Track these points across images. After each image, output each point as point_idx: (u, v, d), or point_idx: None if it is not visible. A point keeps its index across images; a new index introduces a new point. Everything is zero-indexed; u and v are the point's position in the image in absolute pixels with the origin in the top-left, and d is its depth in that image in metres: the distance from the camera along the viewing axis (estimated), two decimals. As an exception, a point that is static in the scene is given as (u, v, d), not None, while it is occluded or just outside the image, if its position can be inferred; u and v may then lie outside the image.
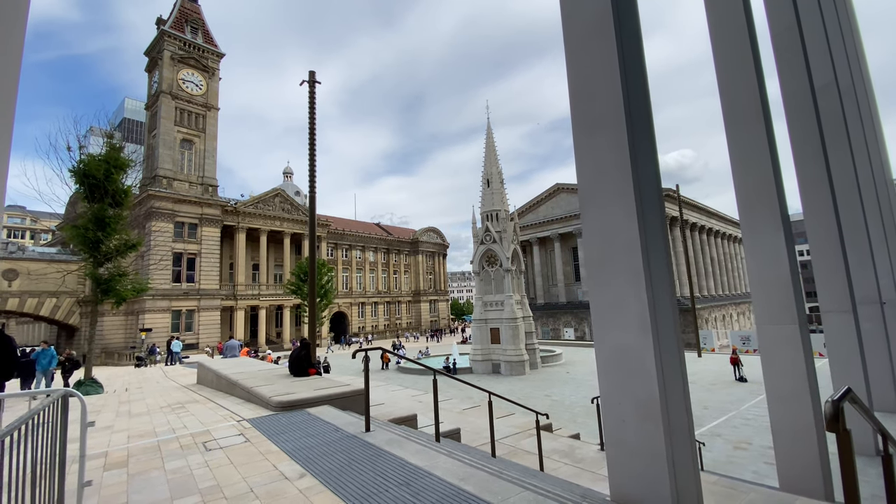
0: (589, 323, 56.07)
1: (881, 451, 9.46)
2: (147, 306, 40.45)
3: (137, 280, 16.98)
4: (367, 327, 67.37)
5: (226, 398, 8.15)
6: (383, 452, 3.97)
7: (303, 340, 9.82)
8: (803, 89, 10.29)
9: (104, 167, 14.37)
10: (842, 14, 20.15)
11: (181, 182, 44.91)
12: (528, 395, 19.52)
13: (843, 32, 18.35)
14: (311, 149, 12.39)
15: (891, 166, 27.77)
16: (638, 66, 4.80)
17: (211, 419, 6.21)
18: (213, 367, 10.43)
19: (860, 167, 16.43)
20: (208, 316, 45.04)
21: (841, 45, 17.38)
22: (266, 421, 5.60)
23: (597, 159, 4.66)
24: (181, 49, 46.89)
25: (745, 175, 8.10)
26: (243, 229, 50.56)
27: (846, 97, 16.59)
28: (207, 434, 5.29)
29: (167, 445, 5.02)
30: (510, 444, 7.63)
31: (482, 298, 29.71)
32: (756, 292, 8.09)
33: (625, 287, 4.34)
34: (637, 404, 4.22)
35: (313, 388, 6.93)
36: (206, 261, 45.57)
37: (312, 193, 12.69)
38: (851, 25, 22.44)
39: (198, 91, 47.62)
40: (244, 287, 50.37)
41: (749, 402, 16.59)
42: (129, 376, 23.23)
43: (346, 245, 66.63)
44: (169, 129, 44.67)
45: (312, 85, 12.79)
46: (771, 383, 7.81)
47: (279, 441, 4.63)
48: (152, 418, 6.94)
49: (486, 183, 30.23)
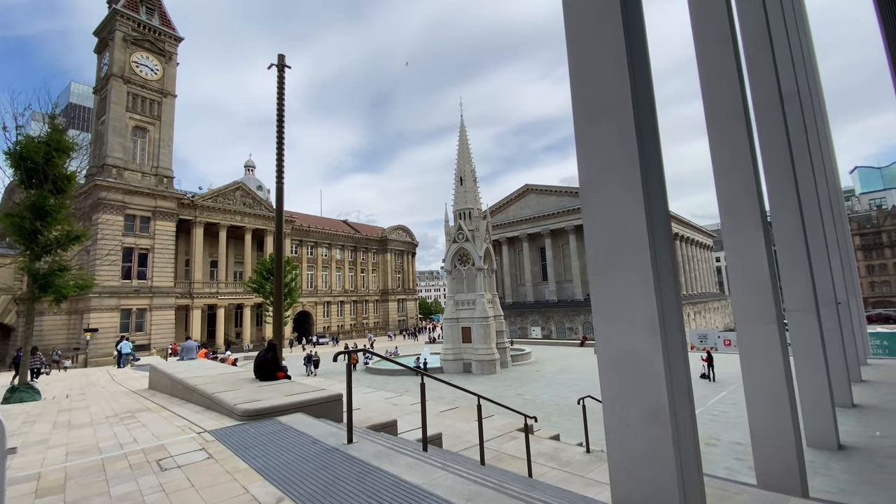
0: (555, 321, 57.07)
1: (843, 446, 9.67)
2: (93, 304, 37.57)
3: (81, 275, 15.49)
4: (333, 327, 65.69)
5: (183, 405, 7.39)
6: (372, 468, 3.51)
7: (269, 342, 9.14)
8: (772, 97, 10.58)
9: (44, 149, 12.97)
10: (801, 29, 21.16)
11: (133, 172, 42.01)
12: (500, 394, 19.36)
13: (801, 46, 19.23)
14: (280, 136, 11.64)
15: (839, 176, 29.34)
16: (642, 49, 4.56)
17: (166, 431, 5.51)
18: (167, 371, 9.53)
19: (818, 174, 17.26)
20: (161, 315, 42.41)
21: (801, 57, 18.19)
22: (231, 432, 4.98)
23: (602, 148, 4.37)
24: (135, 30, 43.85)
25: (726, 177, 8.15)
26: (201, 224, 47.98)
27: (806, 107, 17.39)
28: (162, 449, 4.63)
29: (114, 464, 4.34)
30: (494, 448, 7.31)
31: (454, 297, 29.42)
32: (736, 291, 8.15)
33: (631, 284, 4.08)
34: (644, 409, 3.96)
35: (283, 394, 6.33)
36: (159, 256, 42.87)
37: (280, 184, 11.92)
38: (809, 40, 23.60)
39: (153, 76, 44.72)
40: (201, 285, 47.82)
41: (713, 398, 17.10)
42: (71, 380, 21.35)
43: (311, 242, 64.67)
44: (120, 115, 41.67)
45: (281, 69, 12.03)
46: (750, 382, 7.87)
47: (249, 457, 4.07)
48: (96, 430, 6.14)
49: (460, 181, 29.95)
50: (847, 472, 8.74)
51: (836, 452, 9.74)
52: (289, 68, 12.21)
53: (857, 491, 7.88)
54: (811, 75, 22.77)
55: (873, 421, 11.79)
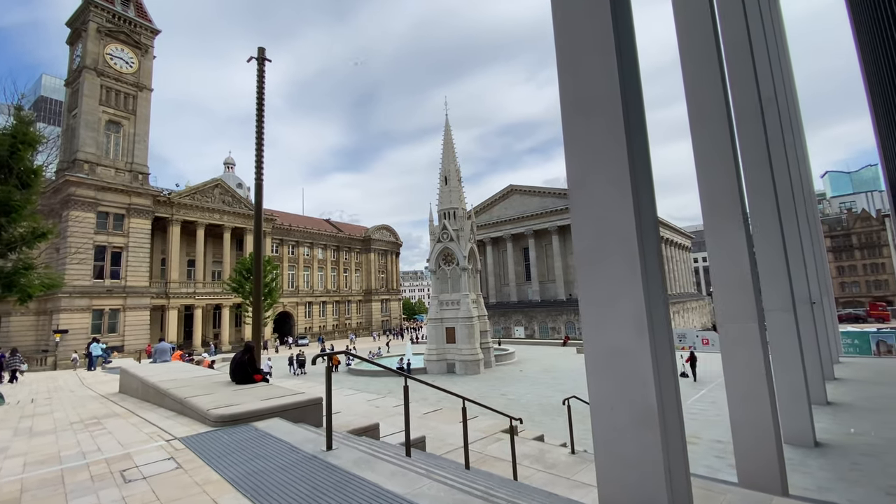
0: (538, 321, 57.41)
1: (819, 444, 9.81)
2: (63, 305, 36.13)
3: (48, 274, 14.81)
4: (315, 328, 64.73)
5: (153, 411, 7.05)
6: (352, 477, 3.33)
7: (246, 343, 8.83)
8: (752, 101, 10.75)
9: (8, 141, 12.33)
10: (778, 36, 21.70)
11: (106, 168, 40.55)
12: (484, 394, 19.29)
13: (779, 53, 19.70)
14: (259, 131, 11.31)
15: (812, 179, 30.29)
16: (631, 43, 4.49)
17: (133, 438, 5.20)
18: (138, 374, 9.12)
19: (794, 177, 17.67)
20: (135, 316, 41.07)
21: (778, 64, 18.62)
22: (204, 440, 4.73)
23: (590, 143, 4.28)
24: (110, 21, 42.35)
25: (709, 178, 8.21)
26: (178, 222, 46.65)
27: (783, 112, 17.80)
28: (128, 459, 4.35)
29: (74, 475, 4.05)
30: (478, 450, 7.18)
31: (438, 297, 29.25)
32: (718, 291, 8.22)
33: (619, 283, 3.99)
34: (633, 411, 3.88)
35: (260, 398, 6.08)
36: (134, 255, 41.50)
37: (259, 181, 11.58)
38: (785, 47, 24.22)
39: (128, 69, 43.28)
40: (178, 284, 46.50)
41: (693, 396, 17.35)
42: (38, 384, 20.41)
43: (292, 241, 63.60)
44: (93, 109, 40.18)
45: (262, 62, 11.70)
46: (731, 382, 7.93)
47: (221, 466, 3.84)
48: (59, 438, 5.78)
49: (444, 180, 29.80)
50: (824, 469, 8.89)
51: (812, 450, 9.93)
52: (269, 61, 11.88)
53: (834, 488, 8.01)
54: (787, 81, 23.41)
55: (847, 418, 12.09)
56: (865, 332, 25.11)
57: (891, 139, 20.02)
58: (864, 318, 56.62)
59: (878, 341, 23.53)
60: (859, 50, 23.28)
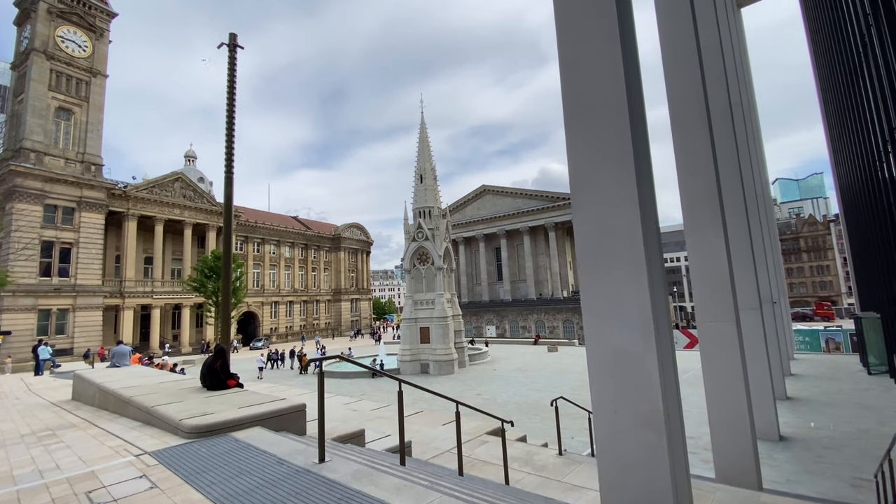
0: (510, 320, 57.98)
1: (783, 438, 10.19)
2: (5, 304, 33.39)
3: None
4: (281, 328, 62.86)
5: (114, 421, 6.49)
6: (354, 493, 3.08)
7: (217, 346, 8.29)
8: (723, 105, 11.11)
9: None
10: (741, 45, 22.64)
11: (55, 158, 37.80)
12: (459, 394, 19.16)
13: (742, 61, 20.58)
14: (230, 121, 10.74)
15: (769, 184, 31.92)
16: (633, 43, 4.45)
17: (97, 454, 4.72)
18: (96, 381, 8.42)
19: (756, 182, 18.48)
20: (87, 316, 38.52)
21: (743, 71, 19.43)
22: (178, 453, 4.33)
23: (596, 142, 4.19)
24: (61, 2, 39.51)
25: (689, 179, 8.38)
26: (134, 217, 44.12)
27: (747, 118, 18.57)
28: (93, 478, 3.91)
29: (32, 498, 3.60)
30: (466, 453, 6.99)
31: (412, 297, 28.92)
32: (698, 290, 8.40)
33: (625, 284, 3.92)
34: (638, 413, 3.81)
35: (237, 406, 5.68)
36: (85, 251, 38.90)
37: (230, 174, 10.99)
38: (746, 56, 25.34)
39: (81, 53, 40.51)
40: (134, 283, 44.00)
41: (662, 394, 17.83)
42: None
43: (258, 239, 61.48)
44: (41, 94, 37.35)
45: (233, 49, 11.12)
46: (710, 381, 8.11)
47: (202, 484, 3.49)
48: (10, 453, 5.20)
49: (419, 178, 29.50)
50: (789, 462, 9.26)
51: (777, 443, 10.34)
52: (241, 48, 11.32)
53: (801, 480, 8.33)
54: (749, 89, 24.56)
55: (806, 412, 12.72)
56: (815, 330, 26.67)
57: (842, 147, 21.33)
58: (812, 316, 60.29)
59: (828, 339, 25.05)
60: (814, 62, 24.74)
